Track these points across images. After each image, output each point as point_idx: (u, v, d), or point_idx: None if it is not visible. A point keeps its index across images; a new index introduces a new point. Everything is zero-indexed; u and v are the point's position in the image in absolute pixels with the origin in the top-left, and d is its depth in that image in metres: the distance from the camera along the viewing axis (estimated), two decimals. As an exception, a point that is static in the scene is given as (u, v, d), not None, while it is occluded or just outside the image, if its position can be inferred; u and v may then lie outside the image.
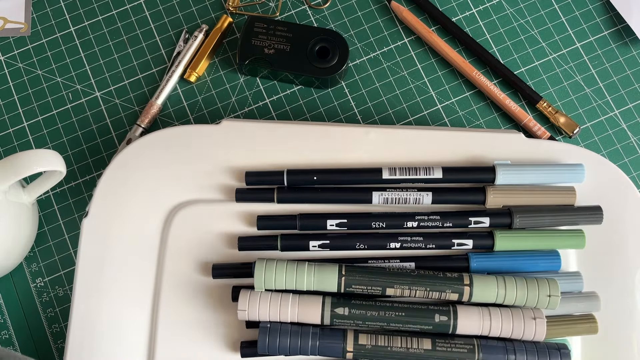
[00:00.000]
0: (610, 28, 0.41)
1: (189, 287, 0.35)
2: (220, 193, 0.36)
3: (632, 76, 0.40)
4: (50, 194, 0.39)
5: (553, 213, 0.34)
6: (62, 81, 0.40)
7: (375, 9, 0.41)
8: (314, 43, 0.38)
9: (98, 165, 0.39)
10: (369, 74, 0.40)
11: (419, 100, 0.40)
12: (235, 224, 0.35)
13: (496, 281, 0.32)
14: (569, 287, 0.33)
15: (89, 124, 0.40)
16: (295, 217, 0.35)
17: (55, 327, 0.37)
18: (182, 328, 0.34)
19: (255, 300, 0.32)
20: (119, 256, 0.35)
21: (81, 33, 0.41)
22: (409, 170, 0.34)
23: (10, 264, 0.36)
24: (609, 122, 0.40)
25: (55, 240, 0.38)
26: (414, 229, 0.34)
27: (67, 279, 0.38)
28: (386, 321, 0.31)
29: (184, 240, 0.35)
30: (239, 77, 0.40)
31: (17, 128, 0.39)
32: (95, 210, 0.35)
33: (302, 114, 0.40)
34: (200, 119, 0.40)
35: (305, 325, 0.32)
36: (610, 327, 0.34)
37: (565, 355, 0.31)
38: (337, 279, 0.32)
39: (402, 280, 0.32)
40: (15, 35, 0.41)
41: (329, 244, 0.34)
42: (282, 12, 0.41)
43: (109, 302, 0.34)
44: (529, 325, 0.31)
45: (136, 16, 0.41)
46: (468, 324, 0.31)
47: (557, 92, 0.40)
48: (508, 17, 0.41)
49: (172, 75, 0.39)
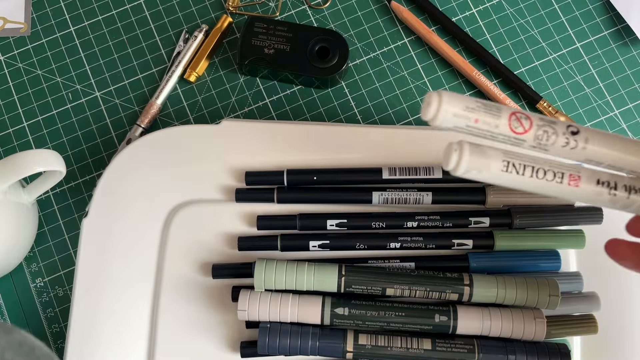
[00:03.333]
0: (610, 28, 0.41)
1: (189, 287, 0.35)
2: (220, 193, 0.36)
3: (632, 76, 0.40)
4: (50, 194, 0.39)
5: (553, 213, 0.34)
6: (62, 81, 0.40)
7: (375, 9, 0.41)
8: (314, 43, 0.38)
9: (98, 165, 0.39)
10: (369, 74, 0.40)
11: (419, 100, 0.40)
12: (235, 224, 0.35)
13: (496, 281, 0.32)
14: (569, 287, 0.33)
15: (89, 124, 0.40)
16: (295, 217, 0.35)
17: (55, 327, 0.37)
18: (182, 328, 0.34)
19: (255, 300, 0.32)
20: (118, 256, 0.35)
21: (81, 33, 0.41)
22: (409, 170, 0.34)
23: (10, 264, 0.36)
24: (609, 122, 0.40)
25: (55, 240, 0.38)
26: (414, 229, 0.34)
27: (67, 279, 0.38)
28: (386, 321, 0.31)
29: (184, 240, 0.35)
30: (239, 77, 0.40)
31: (17, 128, 0.39)
32: (95, 210, 0.35)
33: (302, 114, 0.40)
34: (200, 119, 0.40)
35: (305, 326, 0.32)
36: (610, 327, 0.34)
37: (565, 355, 0.31)
38: (337, 279, 0.32)
39: (402, 280, 0.32)
40: (15, 35, 0.41)
41: (329, 244, 0.34)
42: (282, 12, 0.41)
43: (109, 302, 0.34)
44: (529, 326, 0.31)
45: (136, 16, 0.41)
46: (468, 324, 0.31)
47: (557, 92, 0.40)
48: (508, 17, 0.41)
49: (172, 75, 0.39)
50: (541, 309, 0.32)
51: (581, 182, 0.23)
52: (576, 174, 0.23)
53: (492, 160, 0.22)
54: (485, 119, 0.23)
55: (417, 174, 0.34)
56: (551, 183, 0.23)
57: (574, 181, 0.23)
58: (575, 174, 0.23)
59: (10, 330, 0.21)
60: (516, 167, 0.23)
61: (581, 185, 0.23)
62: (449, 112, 0.22)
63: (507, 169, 0.23)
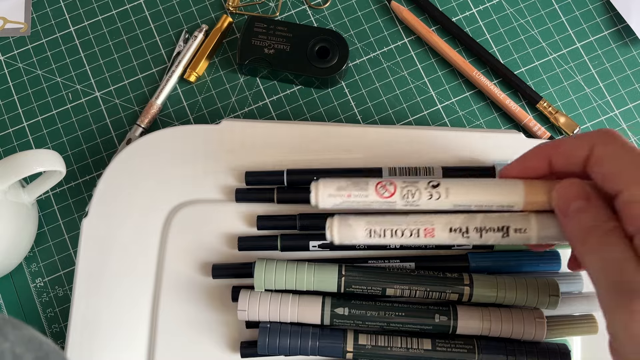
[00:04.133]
0: (610, 28, 0.41)
1: (189, 287, 0.35)
2: (220, 193, 0.36)
3: (632, 76, 0.40)
4: (50, 194, 0.39)
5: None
6: (62, 81, 0.40)
7: (375, 9, 0.41)
8: (314, 43, 0.38)
9: (98, 165, 0.39)
10: (369, 74, 0.40)
11: (419, 100, 0.40)
12: (235, 224, 0.35)
13: (496, 281, 0.32)
14: (569, 287, 0.33)
15: (89, 124, 0.40)
16: (295, 217, 0.34)
17: (55, 327, 0.37)
18: (182, 328, 0.34)
19: (255, 300, 0.32)
20: (118, 256, 0.35)
21: (81, 33, 0.41)
22: (409, 170, 0.34)
23: (10, 264, 0.36)
24: (609, 122, 0.40)
25: (55, 240, 0.38)
26: (414, 229, 0.34)
27: (67, 279, 0.38)
28: (386, 321, 0.31)
29: (184, 240, 0.35)
30: (239, 77, 0.40)
31: (17, 128, 0.39)
32: (95, 210, 0.35)
33: (302, 114, 0.40)
34: (200, 119, 0.40)
35: (305, 326, 0.32)
36: (610, 327, 0.34)
37: (565, 355, 0.31)
38: (337, 279, 0.32)
39: (402, 280, 0.32)
40: (15, 35, 0.41)
41: (329, 244, 0.34)
42: (282, 12, 0.41)
43: (109, 302, 0.34)
44: (529, 326, 0.31)
45: (136, 16, 0.41)
46: (468, 324, 0.31)
47: (557, 92, 0.40)
48: (508, 17, 0.41)
49: (172, 75, 0.39)
50: (541, 309, 0.32)
51: (436, 232, 0.27)
52: (430, 227, 0.27)
53: (357, 230, 0.27)
54: (355, 193, 0.27)
55: (417, 174, 0.34)
56: (411, 239, 0.27)
57: (429, 233, 0.27)
58: (430, 227, 0.27)
59: (19, 326, 0.21)
60: (377, 232, 0.27)
61: (436, 234, 0.27)
62: (325, 194, 0.27)
63: (370, 234, 0.27)
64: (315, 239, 0.34)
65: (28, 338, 0.21)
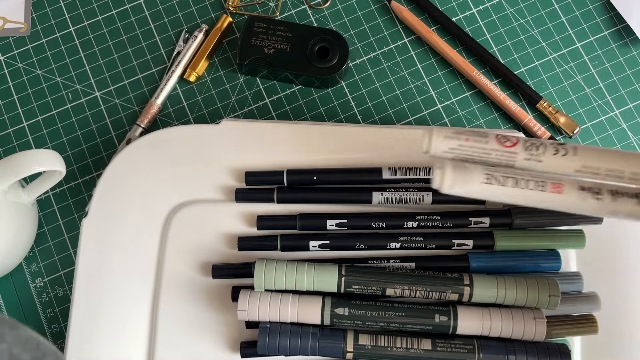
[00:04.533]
0: (610, 28, 0.41)
1: (189, 287, 0.35)
2: (220, 193, 0.36)
3: (632, 76, 0.40)
4: (50, 194, 0.39)
5: (553, 213, 0.33)
6: (61, 81, 0.40)
7: (375, 9, 0.41)
8: (314, 43, 0.38)
9: (98, 165, 0.39)
10: (369, 74, 0.40)
11: (419, 100, 0.40)
12: (235, 224, 0.35)
13: (496, 281, 0.32)
14: (569, 287, 0.33)
15: (89, 124, 0.40)
16: (295, 217, 0.35)
17: (55, 327, 0.37)
18: (182, 328, 0.34)
19: (255, 300, 0.32)
20: (118, 256, 0.35)
21: (81, 33, 0.41)
22: (409, 170, 0.34)
23: (10, 264, 0.36)
24: (609, 122, 0.40)
25: (55, 240, 0.38)
26: (414, 229, 0.34)
27: (67, 279, 0.38)
28: (386, 321, 0.31)
29: (184, 240, 0.35)
30: (238, 77, 0.40)
31: (17, 128, 0.39)
32: (95, 210, 0.35)
33: (302, 114, 0.40)
34: (200, 119, 0.40)
35: (305, 326, 0.32)
36: (610, 327, 0.34)
37: (565, 355, 0.31)
38: (337, 279, 0.32)
39: (402, 280, 0.32)
40: (15, 35, 0.41)
41: (329, 244, 0.34)
42: (282, 12, 0.41)
43: (109, 302, 0.34)
44: (529, 326, 0.31)
45: (136, 16, 0.41)
46: (468, 324, 0.31)
47: (557, 92, 0.40)
48: (508, 17, 0.41)
49: (172, 75, 0.39)
50: (541, 309, 0.32)
51: (564, 188, 0.23)
52: (558, 182, 0.24)
53: (474, 173, 0.24)
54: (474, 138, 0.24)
55: (417, 174, 0.34)
56: (534, 192, 0.23)
57: (557, 188, 0.23)
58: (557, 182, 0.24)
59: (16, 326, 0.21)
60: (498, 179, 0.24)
61: (565, 191, 0.23)
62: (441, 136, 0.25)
63: (490, 181, 0.23)
64: (315, 239, 0.34)
65: (25, 338, 0.21)
